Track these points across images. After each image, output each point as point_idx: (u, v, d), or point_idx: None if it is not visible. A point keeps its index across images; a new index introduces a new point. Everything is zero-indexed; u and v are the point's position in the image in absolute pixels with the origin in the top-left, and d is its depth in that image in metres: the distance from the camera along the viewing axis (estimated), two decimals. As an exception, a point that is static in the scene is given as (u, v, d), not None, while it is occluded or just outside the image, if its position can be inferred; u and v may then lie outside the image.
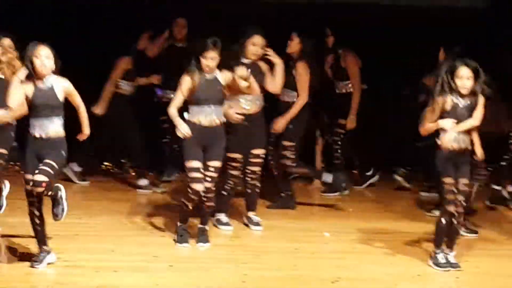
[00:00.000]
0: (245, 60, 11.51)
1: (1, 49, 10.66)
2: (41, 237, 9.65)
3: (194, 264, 10.06)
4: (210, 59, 10.59)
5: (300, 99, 12.43)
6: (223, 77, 10.76)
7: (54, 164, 9.49)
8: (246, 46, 11.57)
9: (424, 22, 15.13)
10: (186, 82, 10.62)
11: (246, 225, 11.64)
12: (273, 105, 12.38)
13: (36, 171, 9.41)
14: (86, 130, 9.84)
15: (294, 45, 12.33)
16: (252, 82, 11.06)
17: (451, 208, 10.09)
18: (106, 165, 14.63)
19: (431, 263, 10.26)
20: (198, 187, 10.58)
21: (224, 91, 10.80)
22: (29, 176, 9.51)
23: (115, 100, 13.49)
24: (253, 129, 11.52)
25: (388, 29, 15.09)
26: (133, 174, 14.23)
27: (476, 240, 11.27)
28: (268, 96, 11.94)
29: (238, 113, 11.26)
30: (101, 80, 13.47)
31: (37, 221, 9.53)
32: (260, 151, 11.67)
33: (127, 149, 14.34)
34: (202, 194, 10.66)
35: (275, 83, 11.78)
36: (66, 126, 9.93)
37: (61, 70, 9.77)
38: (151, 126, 14.18)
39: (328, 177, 13.07)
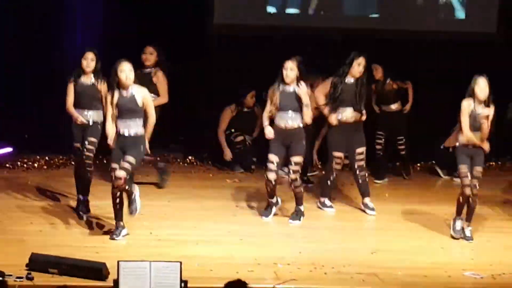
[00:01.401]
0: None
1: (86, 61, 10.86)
2: (119, 215, 10.14)
3: (261, 238, 10.50)
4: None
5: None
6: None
7: (133, 161, 9.99)
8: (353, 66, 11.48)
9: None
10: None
11: (363, 210, 11.81)
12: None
13: (119, 167, 9.94)
14: (147, 139, 10.17)
15: None
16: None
17: (467, 191, 10.53)
18: (190, 159, 14.40)
19: (450, 230, 10.69)
20: (270, 176, 11.01)
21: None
22: (114, 165, 10.04)
23: None
24: (354, 132, 11.71)
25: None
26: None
27: (488, 219, 11.57)
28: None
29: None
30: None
31: (117, 201, 10.05)
32: (361, 149, 11.75)
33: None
34: (273, 182, 11.00)
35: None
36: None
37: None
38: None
39: None
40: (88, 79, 10.91)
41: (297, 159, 11.04)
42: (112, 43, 13.54)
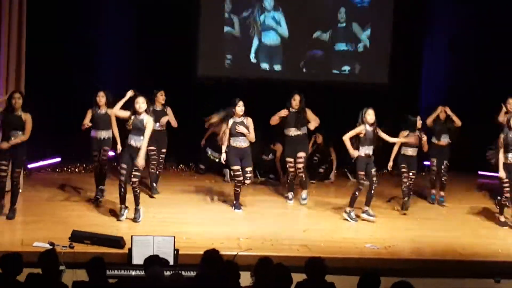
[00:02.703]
0: None
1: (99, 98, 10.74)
2: (123, 200, 9.99)
3: (228, 221, 10.43)
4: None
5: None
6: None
7: (140, 168, 9.87)
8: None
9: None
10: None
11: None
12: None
13: (132, 173, 9.82)
14: (141, 161, 9.77)
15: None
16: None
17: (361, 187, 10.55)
18: (181, 166, 14.01)
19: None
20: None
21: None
22: (123, 165, 9.91)
23: None
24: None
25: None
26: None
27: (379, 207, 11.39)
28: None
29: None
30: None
31: (122, 190, 9.90)
32: (302, 154, 11.32)
33: None
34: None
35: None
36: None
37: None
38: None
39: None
40: (102, 110, 10.83)
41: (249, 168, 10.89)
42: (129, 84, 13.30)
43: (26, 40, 11.27)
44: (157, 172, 11.77)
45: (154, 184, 11.73)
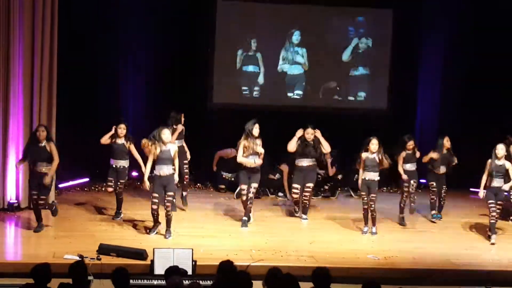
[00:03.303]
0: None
1: (120, 129, 10.75)
2: (155, 219, 10.00)
3: (242, 234, 10.46)
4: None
5: None
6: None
7: (172, 193, 9.98)
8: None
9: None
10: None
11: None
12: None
13: (164, 199, 9.80)
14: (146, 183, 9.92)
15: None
16: None
17: (366, 207, 10.57)
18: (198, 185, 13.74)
19: (362, 232, 10.62)
20: (243, 197, 10.77)
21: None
22: (155, 194, 9.84)
23: None
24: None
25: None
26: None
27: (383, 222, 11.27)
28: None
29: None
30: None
31: (155, 215, 9.95)
32: (311, 185, 11.22)
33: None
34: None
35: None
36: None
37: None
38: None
39: None
40: (121, 140, 10.82)
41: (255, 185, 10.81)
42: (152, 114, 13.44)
43: (57, 71, 11.36)
44: (185, 182, 11.78)
45: (184, 193, 11.79)
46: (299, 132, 11.22)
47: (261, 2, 14.19)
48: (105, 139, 10.86)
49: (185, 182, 11.79)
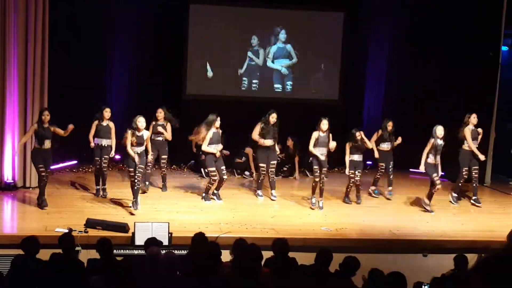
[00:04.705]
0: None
1: (107, 113, 10.68)
2: (135, 194, 9.89)
3: (212, 209, 10.33)
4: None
5: None
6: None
7: (143, 166, 9.93)
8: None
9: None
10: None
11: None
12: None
13: (137, 171, 9.72)
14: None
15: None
16: None
17: (318, 180, 10.51)
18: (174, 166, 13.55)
19: (311, 204, 10.55)
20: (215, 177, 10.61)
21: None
22: (130, 169, 9.85)
23: None
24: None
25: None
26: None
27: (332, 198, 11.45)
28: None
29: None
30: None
31: (135, 187, 9.84)
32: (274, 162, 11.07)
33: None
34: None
35: None
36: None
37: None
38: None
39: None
40: (105, 122, 10.75)
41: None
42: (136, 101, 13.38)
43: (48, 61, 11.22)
44: (162, 174, 11.62)
45: (147, 183, 11.57)
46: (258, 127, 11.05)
47: (229, 6, 14.09)
48: (92, 134, 10.85)
49: (162, 174, 11.63)
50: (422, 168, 10.60)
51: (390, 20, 14.44)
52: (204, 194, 10.88)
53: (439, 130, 10.43)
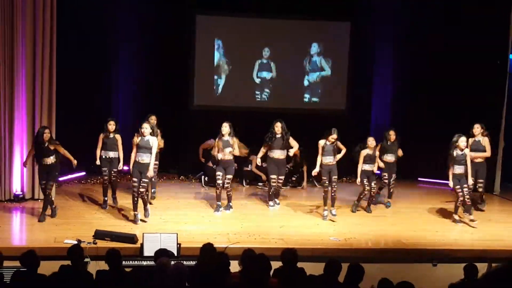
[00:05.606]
0: None
1: (110, 125, 10.60)
2: (135, 207, 9.84)
3: (219, 220, 10.33)
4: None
5: None
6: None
7: (147, 180, 9.84)
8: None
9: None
10: None
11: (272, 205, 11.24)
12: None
13: (140, 184, 9.68)
14: (150, 173, 9.80)
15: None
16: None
17: (328, 190, 10.49)
18: (182, 178, 13.63)
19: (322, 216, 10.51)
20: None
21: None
22: (134, 179, 9.78)
23: None
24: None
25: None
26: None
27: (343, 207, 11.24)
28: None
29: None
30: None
31: (135, 199, 9.79)
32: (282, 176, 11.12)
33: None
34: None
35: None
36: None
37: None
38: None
39: None
40: (112, 134, 10.69)
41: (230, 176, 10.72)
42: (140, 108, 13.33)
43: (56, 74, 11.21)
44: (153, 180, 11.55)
45: (153, 190, 11.54)
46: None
47: (232, 16, 14.07)
48: (99, 148, 10.76)
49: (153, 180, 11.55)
50: (451, 184, 10.41)
51: (396, 30, 14.43)
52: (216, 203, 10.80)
53: (462, 142, 10.22)
